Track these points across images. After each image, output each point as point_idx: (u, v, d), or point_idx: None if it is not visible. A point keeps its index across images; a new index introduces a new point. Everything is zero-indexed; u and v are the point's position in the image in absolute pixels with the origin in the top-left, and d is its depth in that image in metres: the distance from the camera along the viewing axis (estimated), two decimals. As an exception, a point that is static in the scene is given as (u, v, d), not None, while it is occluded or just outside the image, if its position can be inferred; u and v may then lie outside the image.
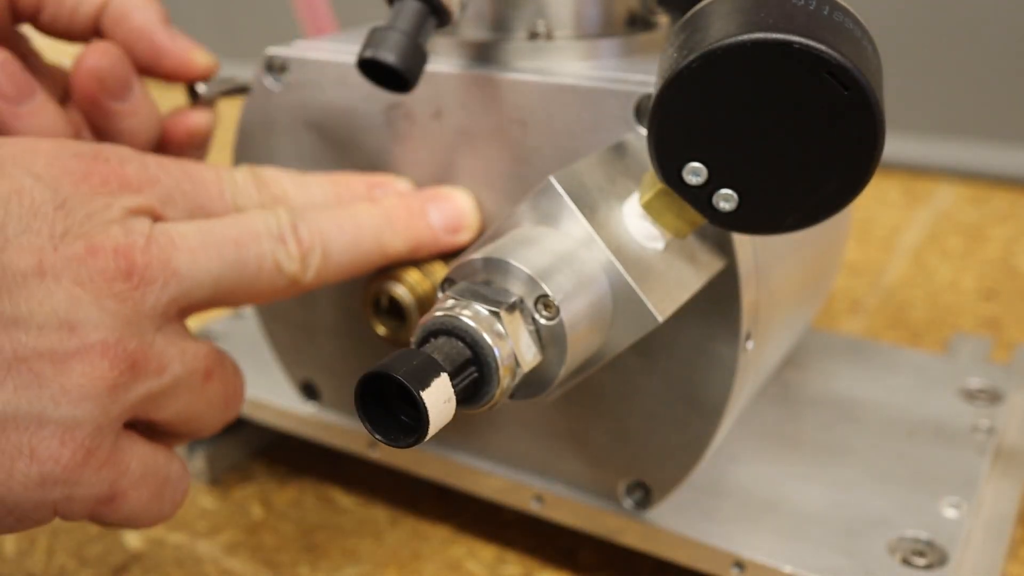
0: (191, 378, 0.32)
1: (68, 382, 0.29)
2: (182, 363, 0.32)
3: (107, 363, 0.29)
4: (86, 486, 0.30)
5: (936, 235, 0.81)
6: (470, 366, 0.28)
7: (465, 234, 0.38)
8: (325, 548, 0.45)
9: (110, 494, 0.31)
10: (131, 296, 0.30)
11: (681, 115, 0.28)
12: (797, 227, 0.29)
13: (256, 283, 0.33)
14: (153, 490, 0.32)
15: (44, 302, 0.29)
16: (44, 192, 0.30)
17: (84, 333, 0.29)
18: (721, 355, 0.35)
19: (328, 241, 0.35)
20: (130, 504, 0.32)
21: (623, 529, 0.40)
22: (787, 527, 0.39)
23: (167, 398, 0.32)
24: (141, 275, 0.30)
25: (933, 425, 0.47)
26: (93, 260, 0.30)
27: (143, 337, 0.30)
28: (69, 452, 0.29)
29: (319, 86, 0.40)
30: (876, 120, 0.27)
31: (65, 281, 0.29)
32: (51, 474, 0.29)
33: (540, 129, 0.36)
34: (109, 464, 0.30)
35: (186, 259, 0.32)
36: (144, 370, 0.30)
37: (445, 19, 0.35)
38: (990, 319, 0.66)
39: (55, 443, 0.29)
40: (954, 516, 0.40)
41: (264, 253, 0.33)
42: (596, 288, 0.30)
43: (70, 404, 0.29)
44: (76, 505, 0.30)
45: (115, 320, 0.30)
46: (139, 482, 0.32)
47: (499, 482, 0.42)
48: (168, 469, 0.33)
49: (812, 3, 0.27)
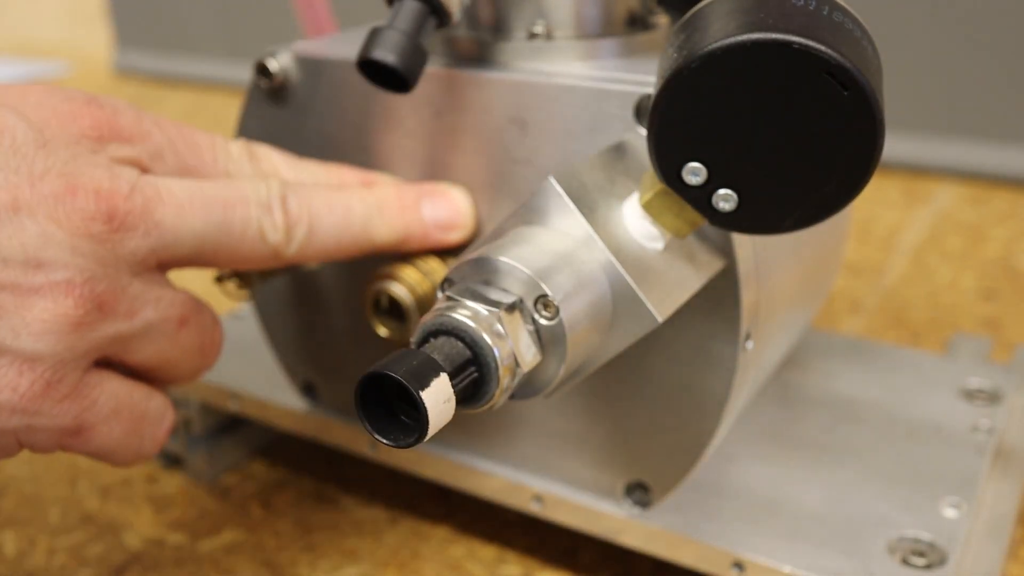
0: (164, 324, 0.33)
1: (29, 316, 0.29)
2: (156, 309, 0.32)
3: (71, 301, 0.30)
4: (47, 417, 0.31)
5: (936, 235, 0.81)
6: (470, 366, 0.28)
7: (457, 232, 0.38)
8: (324, 548, 0.45)
9: (75, 426, 0.31)
10: (109, 239, 0.30)
11: (681, 115, 0.28)
12: (797, 227, 0.29)
13: (239, 248, 0.34)
14: (127, 425, 0.33)
15: (13, 236, 0.29)
16: (27, 132, 0.30)
17: (51, 270, 0.29)
18: (721, 355, 0.35)
19: (316, 218, 0.35)
20: (100, 437, 0.32)
21: (623, 529, 0.40)
22: (787, 527, 0.39)
23: (139, 341, 0.32)
24: (122, 220, 0.31)
25: (933, 425, 0.47)
26: (72, 199, 0.30)
27: (117, 280, 0.31)
28: (27, 382, 0.30)
29: (319, 86, 0.40)
30: (876, 120, 0.27)
31: (40, 217, 0.29)
32: (8, 402, 0.30)
33: (540, 129, 0.36)
34: (72, 397, 0.31)
35: (171, 213, 0.32)
36: (113, 312, 0.31)
37: (445, 19, 0.35)
38: (990, 319, 0.66)
39: (12, 372, 0.29)
40: (954, 516, 0.40)
41: (250, 218, 0.34)
42: (596, 288, 0.30)
43: (31, 337, 0.29)
44: (39, 435, 0.31)
45: (86, 260, 0.30)
46: (109, 416, 0.32)
47: (499, 482, 0.42)
48: (146, 405, 0.34)
49: (812, 3, 0.27)
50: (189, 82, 1.39)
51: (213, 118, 1.21)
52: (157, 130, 0.34)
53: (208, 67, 1.37)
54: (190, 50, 1.39)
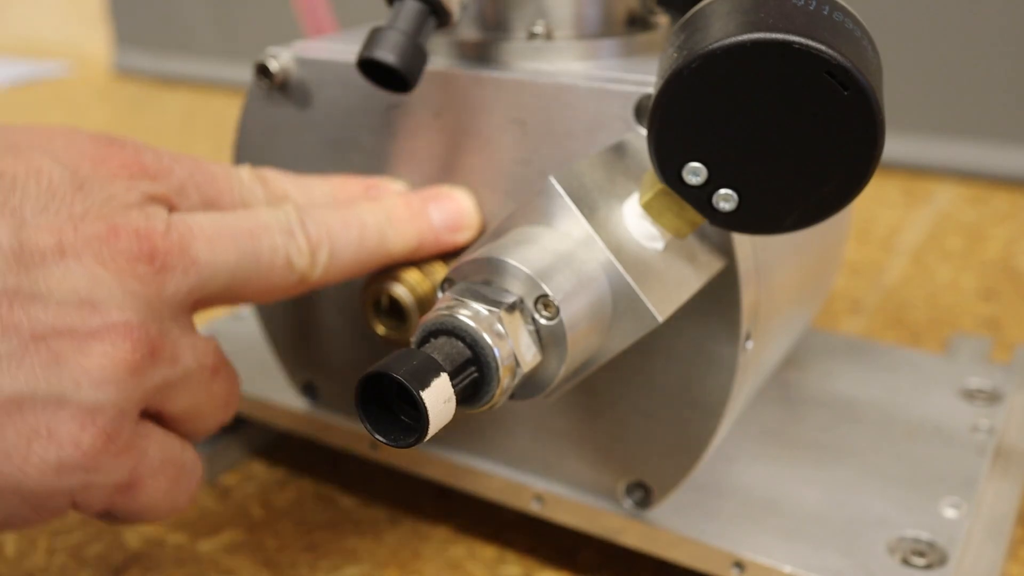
0: (201, 372, 0.32)
1: (89, 363, 0.28)
2: (193, 356, 0.31)
3: (129, 345, 0.28)
4: (105, 473, 0.29)
5: (936, 235, 0.81)
6: (470, 366, 0.28)
7: (466, 233, 0.38)
8: (325, 548, 0.45)
9: (129, 482, 0.30)
10: (153, 280, 0.30)
11: (681, 115, 0.28)
12: (797, 227, 0.29)
13: (268, 277, 0.33)
14: (171, 478, 0.31)
15: (64, 280, 0.28)
16: (63, 173, 0.29)
17: (106, 312, 0.28)
18: (721, 355, 0.35)
19: (335, 238, 0.35)
20: (148, 493, 0.31)
21: (623, 529, 0.40)
22: (787, 527, 0.39)
23: (178, 390, 0.31)
24: (163, 260, 0.30)
25: (933, 425, 0.47)
26: (115, 240, 0.29)
27: (162, 323, 0.30)
28: (89, 436, 0.28)
29: (319, 86, 0.40)
30: (876, 120, 0.27)
31: (86, 260, 0.28)
32: (70, 459, 0.28)
33: (540, 129, 0.36)
34: (128, 450, 0.29)
35: (205, 248, 0.31)
36: (161, 357, 0.30)
37: (445, 19, 0.35)
38: (990, 319, 0.66)
39: (75, 426, 0.28)
40: (954, 516, 0.40)
41: (276, 246, 0.33)
42: (596, 288, 0.30)
43: (92, 386, 0.28)
44: (94, 493, 0.29)
45: (137, 301, 0.29)
46: (157, 469, 0.31)
47: (499, 482, 0.42)
48: (183, 457, 0.32)
49: (812, 3, 0.27)
50: (189, 82, 1.39)
51: (213, 118, 1.21)
52: (177, 165, 0.33)
53: (208, 67, 1.37)
54: (190, 50, 1.39)
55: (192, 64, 1.39)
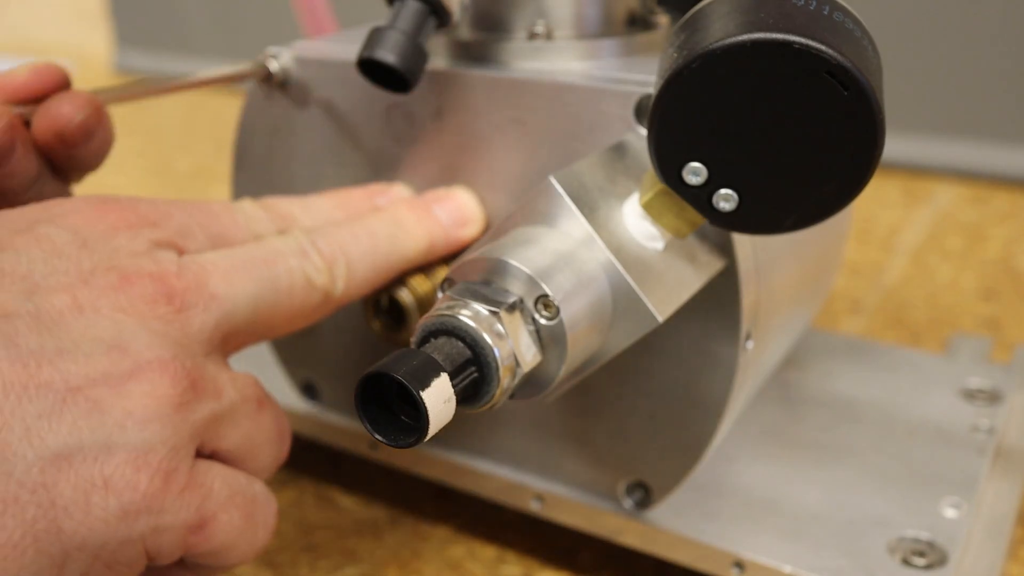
0: (245, 405, 0.31)
1: (130, 404, 0.27)
2: (235, 389, 0.31)
3: (168, 380, 0.28)
4: (171, 513, 0.28)
5: (936, 235, 0.81)
6: (470, 366, 0.28)
7: (473, 227, 0.38)
8: (325, 548, 0.45)
9: (199, 519, 0.29)
10: (176, 319, 0.29)
11: (681, 115, 0.28)
12: (797, 227, 0.29)
13: (291, 300, 0.33)
14: (244, 511, 0.30)
15: (87, 331, 0.28)
16: (64, 235, 0.29)
17: (136, 353, 0.28)
18: (721, 355, 0.35)
19: (348, 251, 0.35)
20: (223, 529, 0.30)
21: (623, 529, 0.40)
22: (787, 527, 0.39)
23: (227, 425, 0.30)
24: (182, 299, 0.30)
25: (933, 425, 0.47)
26: (129, 287, 0.29)
27: (195, 359, 0.29)
28: (146, 477, 0.27)
29: (319, 86, 0.40)
30: (876, 120, 0.27)
31: (105, 310, 0.28)
32: (132, 503, 0.27)
33: (540, 129, 0.36)
34: (190, 487, 0.28)
35: (221, 282, 0.31)
36: (204, 390, 0.29)
37: (445, 19, 0.35)
38: (990, 319, 0.66)
39: (129, 470, 0.27)
40: (954, 516, 0.40)
41: (292, 268, 0.33)
42: (596, 288, 0.30)
43: (137, 427, 0.27)
44: (166, 537, 0.28)
45: (165, 340, 0.29)
46: (227, 504, 0.30)
47: (499, 482, 0.42)
48: (252, 489, 0.31)
49: (812, 3, 0.27)
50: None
51: (213, 118, 1.21)
52: (175, 209, 0.33)
53: (208, 67, 1.37)
54: (190, 50, 1.39)
55: (192, 64, 1.39)
